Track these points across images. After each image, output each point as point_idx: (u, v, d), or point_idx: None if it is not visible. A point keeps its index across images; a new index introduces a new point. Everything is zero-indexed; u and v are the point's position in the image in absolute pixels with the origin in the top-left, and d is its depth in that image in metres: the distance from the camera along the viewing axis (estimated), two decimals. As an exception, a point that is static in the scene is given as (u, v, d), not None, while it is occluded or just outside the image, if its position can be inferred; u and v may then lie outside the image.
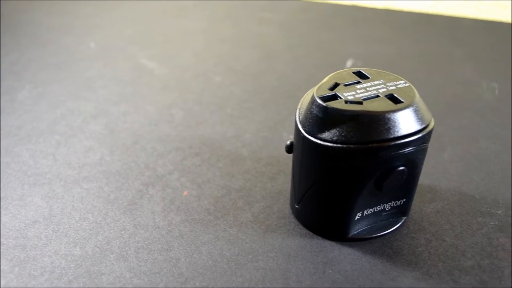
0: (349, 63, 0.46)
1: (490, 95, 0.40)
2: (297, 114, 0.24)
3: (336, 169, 0.23)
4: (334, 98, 0.23)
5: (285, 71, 0.45)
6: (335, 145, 0.22)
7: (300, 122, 0.24)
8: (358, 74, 0.25)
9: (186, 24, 0.57)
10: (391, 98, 0.23)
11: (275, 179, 0.30)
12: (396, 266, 0.24)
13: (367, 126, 0.22)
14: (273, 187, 0.29)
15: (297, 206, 0.26)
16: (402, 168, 0.23)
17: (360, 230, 0.26)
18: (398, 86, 0.24)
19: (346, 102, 0.22)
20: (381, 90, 0.23)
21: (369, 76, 0.25)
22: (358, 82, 0.24)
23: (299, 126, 0.23)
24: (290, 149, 0.26)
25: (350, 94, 0.23)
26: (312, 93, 0.23)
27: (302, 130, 0.23)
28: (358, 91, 0.23)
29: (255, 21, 0.58)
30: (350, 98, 0.23)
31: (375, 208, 0.25)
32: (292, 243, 0.25)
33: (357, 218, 0.25)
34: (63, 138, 0.34)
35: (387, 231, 0.26)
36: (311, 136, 0.23)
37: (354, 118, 0.22)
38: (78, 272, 0.24)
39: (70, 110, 0.38)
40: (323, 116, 0.22)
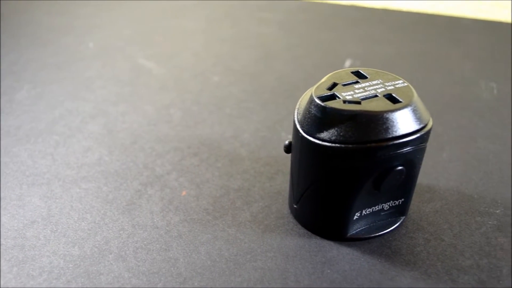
0: (347, 63, 0.46)
1: (488, 95, 0.40)
2: (295, 114, 0.24)
3: (334, 169, 0.23)
4: (333, 98, 0.23)
5: (284, 71, 0.45)
6: (334, 145, 0.22)
7: (298, 122, 0.24)
8: (357, 74, 0.25)
9: (185, 24, 0.57)
10: (390, 97, 0.23)
11: (274, 179, 0.30)
12: (394, 265, 0.24)
13: (365, 126, 0.22)
14: (271, 187, 0.29)
15: (295, 206, 0.26)
16: (400, 168, 0.23)
17: (358, 229, 0.26)
18: (397, 86, 0.24)
19: (345, 102, 0.22)
20: (379, 90, 0.23)
21: (367, 76, 0.25)
22: (357, 82, 0.24)
23: (298, 126, 0.23)
24: (288, 149, 0.26)
25: (349, 94, 0.23)
26: (310, 93, 0.23)
27: (301, 130, 0.23)
28: (357, 91, 0.23)
29: (254, 21, 0.58)
30: (349, 98, 0.23)
31: (374, 208, 0.25)
32: (290, 243, 0.25)
33: (355, 218, 0.25)
34: (62, 138, 0.34)
35: (386, 231, 0.26)
36: (310, 136, 0.23)
37: (352, 118, 0.22)
38: (77, 272, 0.24)
39: (68, 110, 0.38)
40: (322, 116, 0.22)
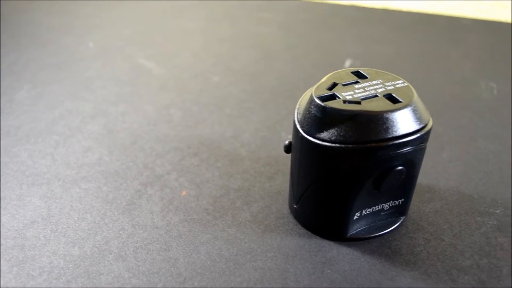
0: (347, 63, 0.46)
1: (488, 95, 0.40)
2: (295, 114, 0.24)
3: (334, 169, 0.23)
4: (333, 98, 0.23)
5: (283, 71, 0.45)
6: (334, 145, 0.22)
7: (298, 122, 0.24)
8: (357, 74, 0.25)
9: (184, 24, 0.57)
10: (390, 97, 0.23)
11: (274, 179, 0.30)
12: (394, 265, 0.24)
13: (366, 126, 0.22)
14: (271, 187, 0.29)
15: (295, 206, 0.26)
16: (400, 168, 0.23)
17: (358, 229, 0.26)
18: (397, 86, 0.24)
19: (345, 102, 0.22)
20: (379, 90, 0.23)
21: (367, 76, 0.25)
22: (357, 82, 0.24)
23: (298, 126, 0.23)
24: (288, 149, 0.26)
25: (349, 94, 0.23)
26: (310, 93, 0.23)
27: (301, 130, 0.23)
28: (357, 91, 0.23)
29: (254, 21, 0.58)
30: (349, 98, 0.23)
31: (374, 207, 0.25)
32: (290, 243, 0.25)
33: (355, 217, 0.25)
34: (62, 138, 0.34)
35: (386, 231, 0.26)
36: (310, 136, 0.23)
37: (352, 118, 0.22)
38: (77, 272, 0.24)
39: (68, 110, 0.38)
40: (322, 116, 0.22)
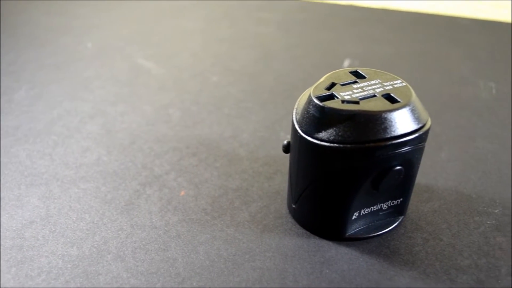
0: (346, 63, 0.46)
1: (487, 95, 0.40)
2: (294, 114, 0.24)
3: (333, 168, 0.23)
4: (331, 97, 0.23)
5: (282, 71, 0.45)
6: (332, 144, 0.22)
7: (297, 121, 0.24)
8: (355, 73, 0.25)
9: (183, 24, 0.57)
10: (388, 97, 0.23)
11: (272, 179, 0.30)
12: (393, 265, 0.24)
13: (364, 125, 0.22)
14: (270, 187, 0.29)
15: (294, 206, 0.26)
16: (399, 167, 0.23)
17: (357, 229, 0.26)
18: (395, 86, 0.24)
19: (343, 101, 0.22)
20: (377, 90, 0.23)
21: (365, 75, 0.25)
22: (355, 82, 0.24)
23: (296, 126, 0.23)
24: (287, 148, 0.26)
25: (347, 93, 0.23)
26: (309, 93, 0.23)
27: (299, 130, 0.23)
28: (355, 91, 0.23)
29: (253, 21, 0.58)
30: (347, 97, 0.23)
31: (372, 207, 0.25)
32: (289, 243, 0.25)
33: (354, 217, 0.25)
34: (60, 138, 0.34)
35: (384, 231, 0.26)
36: (308, 135, 0.23)
37: (350, 118, 0.22)
38: (75, 272, 0.24)
39: (67, 111, 0.38)
40: (320, 115, 0.22)
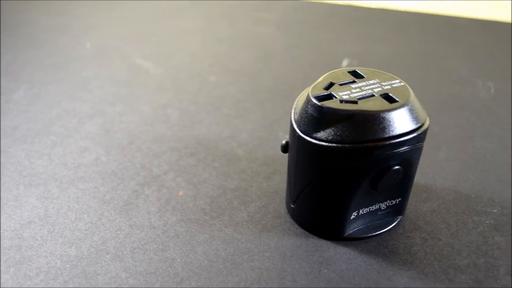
0: (345, 63, 0.46)
1: (485, 95, 0.40)
2: (292, 113, 0.24)
3: (331, 168, 0.23)
4: (329, 97, 0.23)
5: (281, 71, 0.45)
6: (330, 144, 0.22)
7: (295, 121, 0.24)
8: (353, 73, 0.25)
9: (182, 24, 0.57)
10: (386, 97, 0.23)
11: (271, 179, 0.30)
12: (391, 265, 0.24)
13: (362, 125, 0.22)
14: (268, 187, 0.29)
15: (292, 206, 0.26)
16: (397, 167, 0.23)
17: (355, 229, 0.26)
18: (393, 86, 0.24)
19: (341, 101, 0.22)
20: (376, 90, 0.23)
21: (364, 75, 0.25)
22: (353, 82, 0.24)
23: (294, 126, 0.23)
24: (285, 148, 0.26)
25: (345, 93, 0.23)
26: (307, 92, 0.23)
27: (297, 130, 0.23)
28: (353, 91, 0.23)
29: (252, 21, 0.58)
30: (345, 97, 0.23)
31: (371, 207, 0.25)
32: (287, 243, 0.25)
33: (352, 217, 0.25)
34: (59, 138, 0.34)
35: (383, 230, 0.26)
36: (306, 135, 0.23)
37: (349, 118, 0.22)
38: (74, 272, 0.24)
39: (65, 111, 0.38)
40: (318, 115, 0.22)
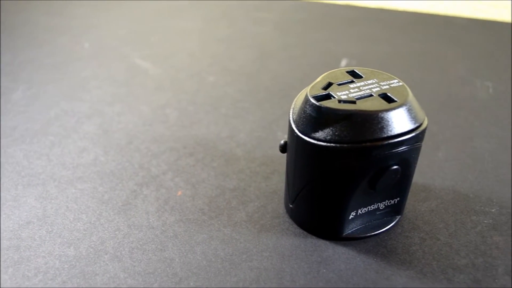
0: (343, 63, 0.46)
1: (484, 94, 0.40)
2: (290, 113, 0.24)
3: (329, 168, 0.23)
4: (328, 97, 0.23)
5: (279, 71, 0.45)
6: (329, 144, 0.22)
7: (293, 121, 0.24)
8: (352, 73, 0.25)
9: (181, 24, 0.57)
10: (385, 97, 0.23)
11: (269, 179, 0.30)
12: (390, 265, 0.24)
13: (361, 125, 0.22)
14: (267, 187, 0.29)
15: (291, 206, 0.26)
16: (395, 167, 0.23)
17: (354, 229, 0.26)
18: (392, 85, 0.24)
19: (340, 101, 0.22)
20: (374, 89, 0.23)
21: (362, 75, 0.25)
22: (352, 82, 0.24)
23: (293, 126, 0.23)
24: (284, 148, 0.26)
25: (344, 93, 0.23)
26: (305, 92, 0.23)
27: (296, 130, 0.23)
28: (352, 91, 0.23)
29: (250, 21, 0.58)
30: (344, 97, 0.23)
31: (369, 207, 0.25)
32: (286, 243, 0.25)
33: (351, 217, 0.25)
34: (57, 138, 0.34)
35: (381, 230, 0.26)
36: (305, 135, 0.23)
37: (347, 118, 0.22)
38: (72, 272, 0.24)
39: (64, 111, 0.38)
40: (317, 115, 0.22)
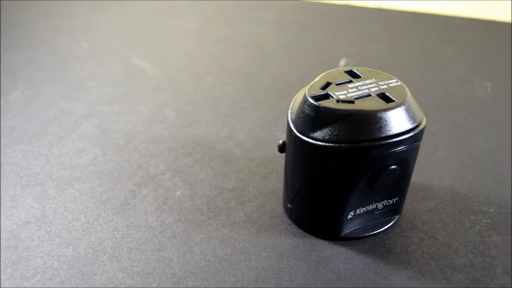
0: (342, 63, 0.46)
1: (482, 94, 0.40)
2: (289, 113, 0.24)
3: (328, 168, 0.23)
4: (326, 97, 0.23)
5: (278, 71, 0.45)
6: (327, 144, 0.22)
7: (292, 121, 0.24)
8: (350, 73, 0.25)
9: (179, 24, 0.57)
10: (383, 97, 0.23)
11: (268, 179, 0.30)
12: (388, 264, 0.24)
13: (359, 125, 0.22)
14: (266, 187, 0.29)
15: (289, 206, 0.26)
16: (394, 167, 0.23)
17: (352, 229, 0.26)
18: (390, 85, 0.24)
19: (338, 101, 0.22)
20: (372, 89, 0.23)
21: (361, 75, 0.25)
22: (350, 81, 0.24)
23: (291, 126, 0.23)
24: (282, 148, 0.26)
25: (342, 93, 0.23)
26: (304, 92, 0.23)
27: (294, 130, 0.23)
28: (350, 90, 0.23)
29: (248, 21, 0.57)
30: (342, 97, 0.23)
31: (368, 207, 0.25)
32: (285, 243, 0.25)
33: (349, 217, 0.25)
34: (56, 138, 0.34)
35: (380, 230, 0.26)
36: (303, 135, 0.23)
37: (345, 117, 0.22)
38: (71, 273, 0.24)
39: (62, 111, 0.38)
40: (315, 115, 0.22)
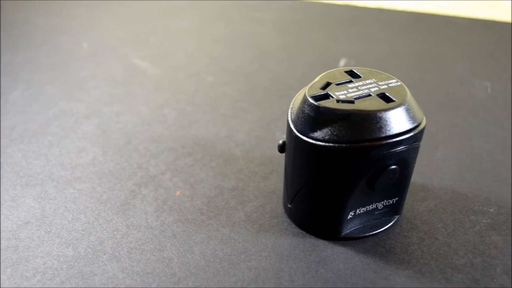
0: (342, 63, 0.46)
1: (482, 94, 0.40)
2: (289, 113, 0.24)
3: (328, 168, 0.23)
4: (326, 97, 0.23)
5: (278, 71, 0.45)
6: (327, 144, 0.22)
7: (292, 121, 0.24)
8: (350, 73, 0.25)
9: (179, 24, 0.57)
10: (383, 97, 0.23)
11: (268, 179, 0.30)
12: (388, 264, 0.24)
13: (359, 125, 0.22)
14: (266, 187, 0.29)
15: (289, 206, 0.26)
16: (394, 167, 0.23)
17: (352, 229, 0.26)
18: (390, 85, 0.24)
19: (338, 101, 0.22)
20: (372, 89, 0.23)
21: (361, 75, 0.25)
22: (350, 81, 0.24)
23: (291, 126, 0.23)
24: (282, 148, 0.26)
25: (342, 93, 0.23)
26: (304, 92, 0.23)
27: (294, 130, 0.23)
28: (350, 90, 0.23)
29: (248, 21, 0.57)
30: (342, 97, 0.23)
31: (368, 207, 0.25)
32: (285, 243, 0.25)
33: (349, 217, 0.25)
34: (56, 138, 0.34)
35: (380, 230, 0.26)
36: (303, 135, 0.23)
37: (345, 117, 0.22)
38: (71, 273, 0.24)
39: (62, 111, 0.38)
40: (315, 115, 0.22)
